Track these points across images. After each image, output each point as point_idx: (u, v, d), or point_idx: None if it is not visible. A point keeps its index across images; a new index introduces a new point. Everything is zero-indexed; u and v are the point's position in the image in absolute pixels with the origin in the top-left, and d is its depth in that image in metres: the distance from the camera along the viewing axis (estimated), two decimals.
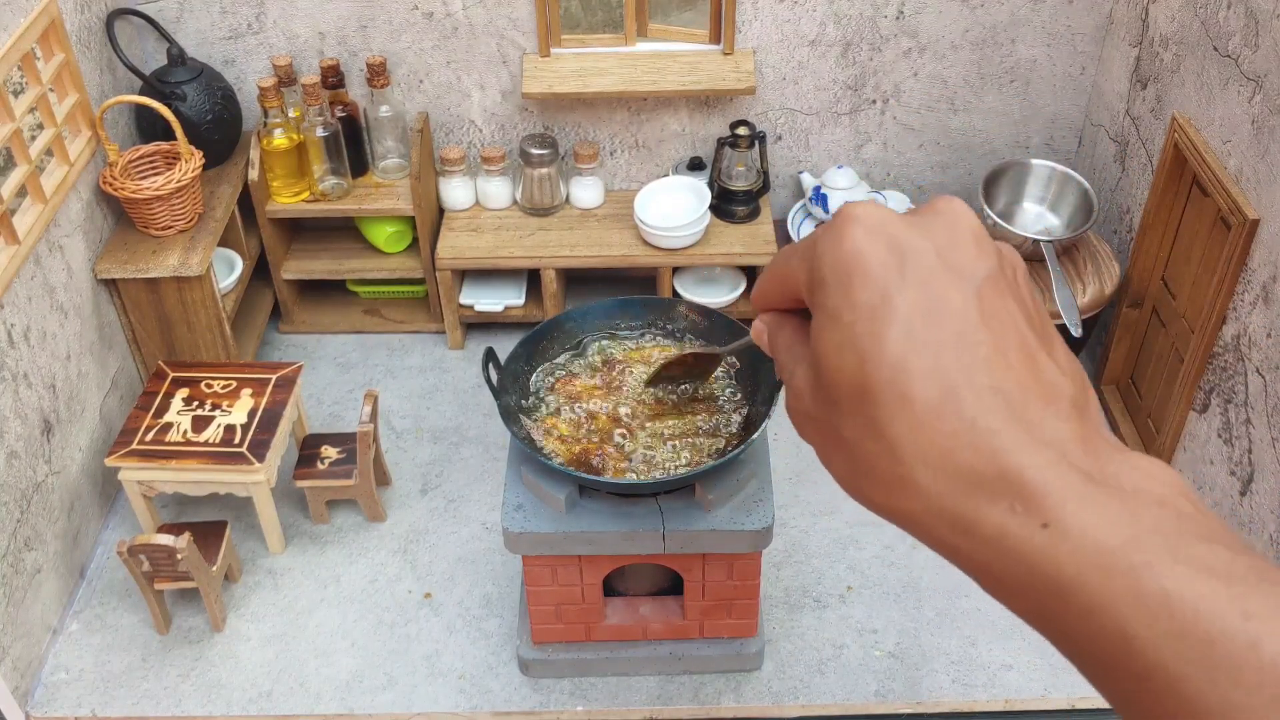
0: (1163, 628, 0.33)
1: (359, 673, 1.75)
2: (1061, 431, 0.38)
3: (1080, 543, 0.35)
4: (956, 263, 0.40)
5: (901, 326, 0.38)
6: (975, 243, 0.41)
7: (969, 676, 1.74)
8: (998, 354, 0.39)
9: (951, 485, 0.37)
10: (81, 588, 1.88)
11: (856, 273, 0.40)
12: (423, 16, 2.17)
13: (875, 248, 0.40)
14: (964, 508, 0.37)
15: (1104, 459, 0.38)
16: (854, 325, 0.39)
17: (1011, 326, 0.40)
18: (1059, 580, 0.35)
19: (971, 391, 0.38)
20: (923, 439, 0.38)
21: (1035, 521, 0.36)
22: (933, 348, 0.38)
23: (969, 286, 0.40)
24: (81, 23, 1.93)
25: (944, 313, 0.39)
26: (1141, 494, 0.37)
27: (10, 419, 1.68)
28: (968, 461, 0.37)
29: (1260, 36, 1.61)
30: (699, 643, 1.71)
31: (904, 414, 0.38)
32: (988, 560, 0.37)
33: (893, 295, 0.39)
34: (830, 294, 0.40)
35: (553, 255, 2.22)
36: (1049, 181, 2.14)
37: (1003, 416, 0.37)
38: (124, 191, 1.92)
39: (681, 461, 1.48)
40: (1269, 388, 1.60)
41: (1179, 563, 0.34)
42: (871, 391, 0.39)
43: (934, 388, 0.38)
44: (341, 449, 1.94)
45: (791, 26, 2.18)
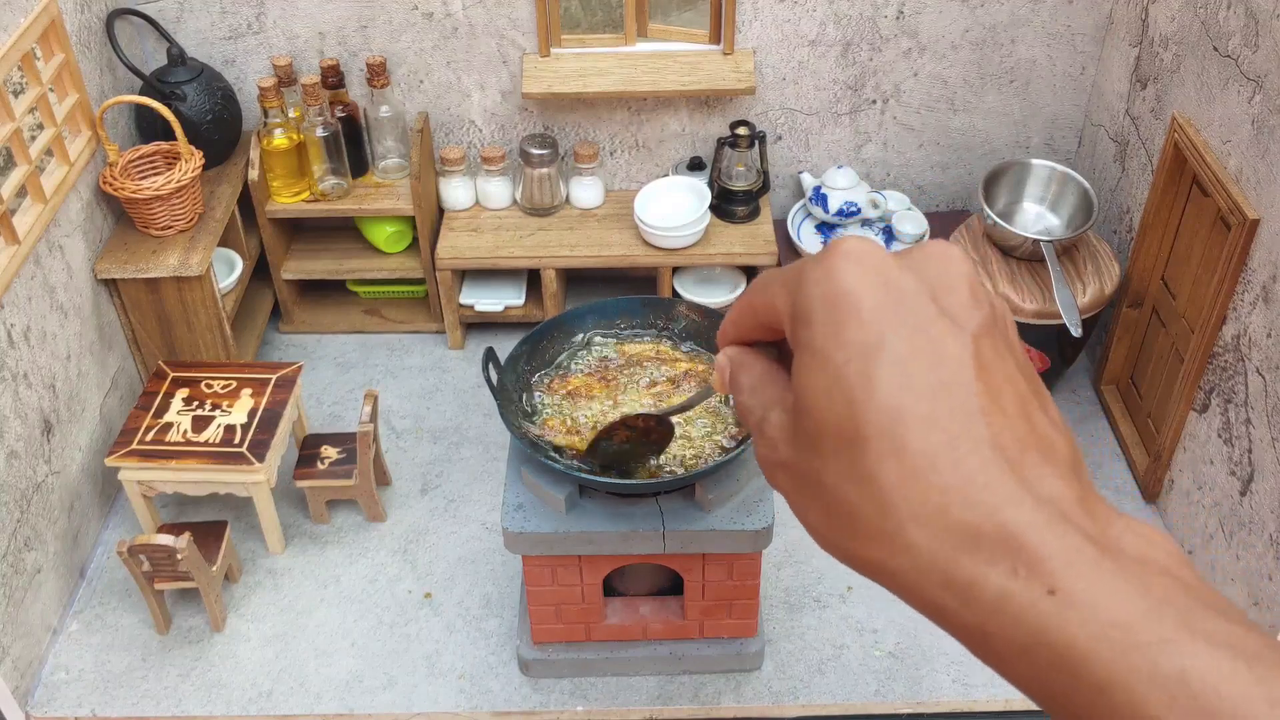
0: (1184, 710, 0.31)
1: (359, 673, 1.75)
2: (1059, 490, 0.36)
3: (1091, 614, 0.33)
4: (952, 309, 0.38)
5: (896, 369, 0.36)
6: (970, 290, 0.39)
7: (969, 676, 1.74)
8: (994, 406, 0.37)
9: (946, 543, 0.35)
10: (81, 588, 1.88)
11: (848, 310, 0.37)
12: (423, 16, 2.17)
13: (869, 286, 0.37)
14: (960, 568, 0.35)
15: (1104, 522, 0.36)
16: (845, 366, 0.37)
17: (1006, 379, 0.38)
18: (1067, 652, 0.33)
19: (969, 443, 0.35)
20: (915, 491, 0.35)
21: (1040, 587, 0.34)
22: (929, 394, 0.36)
23: (964, 334, 0.37)
24: (81, 23, 1.93)
25: (940, 358, 0.36)
26: (1147, 562, 0.35)
27: (10, 419, 1.68)
28: (964, 518, 0.35)
29: (1260, 36, 1.61)
30: (699, 643, 1.71)
31: (896, 463, 0.36)
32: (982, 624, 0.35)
33: (887, 336, 0.36)
34: (818, 331, 0.38)
35: (553, 255, 2.22)
36: (1049, 181, 2.14)
37: (1001, 471, 0.35)
38: (124, 191, 1.92)
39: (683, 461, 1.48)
40: (1269, 388, 1.60)
41: (1196, 639, 0.32)
42: (861, 437, 0.36)
43: (930, 437, 0.35)
44: (341, 449, 1.94)
45: (791, 26, 2.18)
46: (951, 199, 2.44)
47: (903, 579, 0.37)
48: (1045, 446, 0.37)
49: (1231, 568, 1.71)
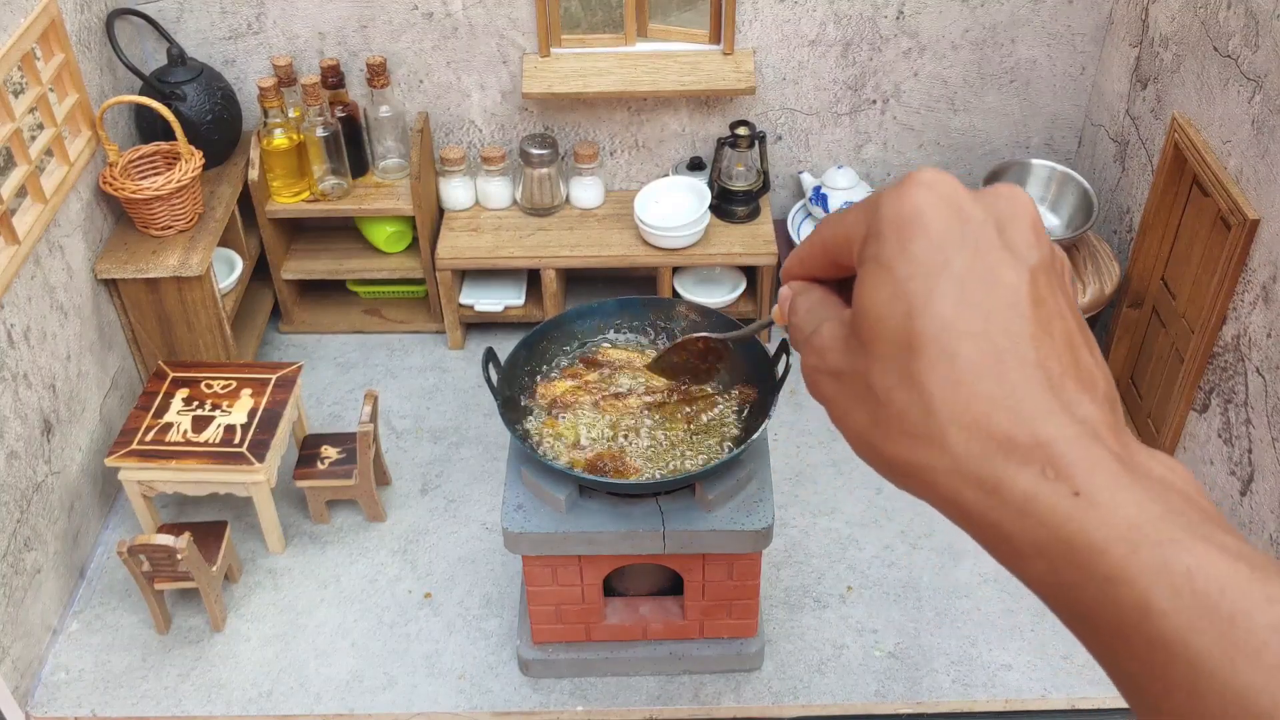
0: (1186, 602, 0.33)
1: (359, 673, 1.75)
2: (1094, 414, 0.38)
3: (1109, 514, 0.36)
4: (1014, 242, 0.40)
5: (956, 286, 0.39)
6: (1033, 228, 0.41)
7: (969, 676, 1.74)
8: (1042, 333, 0.39)
9: (984, 447, 0.38)
10: (81, 588, 1.88)
11: (917, 229, 0.40)
12: (423, 16, 2.17)
13: (939, 209, 0.40)
14: (993, 469, 0.37)
15: (1132, 448, 0.39)
16: (909, 279, 0.39)
17: (1057, 313, 0.40)
18: (1084, 547, 0.36)
19: (1015, 360, 0.38)
20: (961, 397, 0.38)
21: (1066, 488, 0.36)
22: (983, 312, 0.39)
23: (1023, 266, 0.40)
24: (81, 23, 1.93)
25: (997, 283, 0.39)
26: (1166, 482, 0.37)
27: (10, 419, 1.68)
28: (1004, 425, 0.37)
29: (1260, 36, 1.61)
30: (699, 643, 1.71)
31: (946, 370, 0.38)
32: (1007, 523, 0.37)
33: (950, 256, 0.39)
34: (887, 245, 0.40)
35: (553, 255, 2.22)
36: (1049, 181, 2.14)
37: (1042, 389, 0.38)
38: (124, 191, 1.92)
39: (683, 461, 1.48)
40: (1269, 388, 1.60)
41: (1203, 542, 0.34)
42: (916, 343, 0.39)
43: (980, 350, 0.38)
44: (341, 449, 1.94)
45: (791, 26, 2.18)
46: None
47: (936, 478, 0.39)
48: (1085, 377, 0.40)
49: None
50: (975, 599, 1.83)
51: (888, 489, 2.01)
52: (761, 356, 1.57)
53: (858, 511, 1.98)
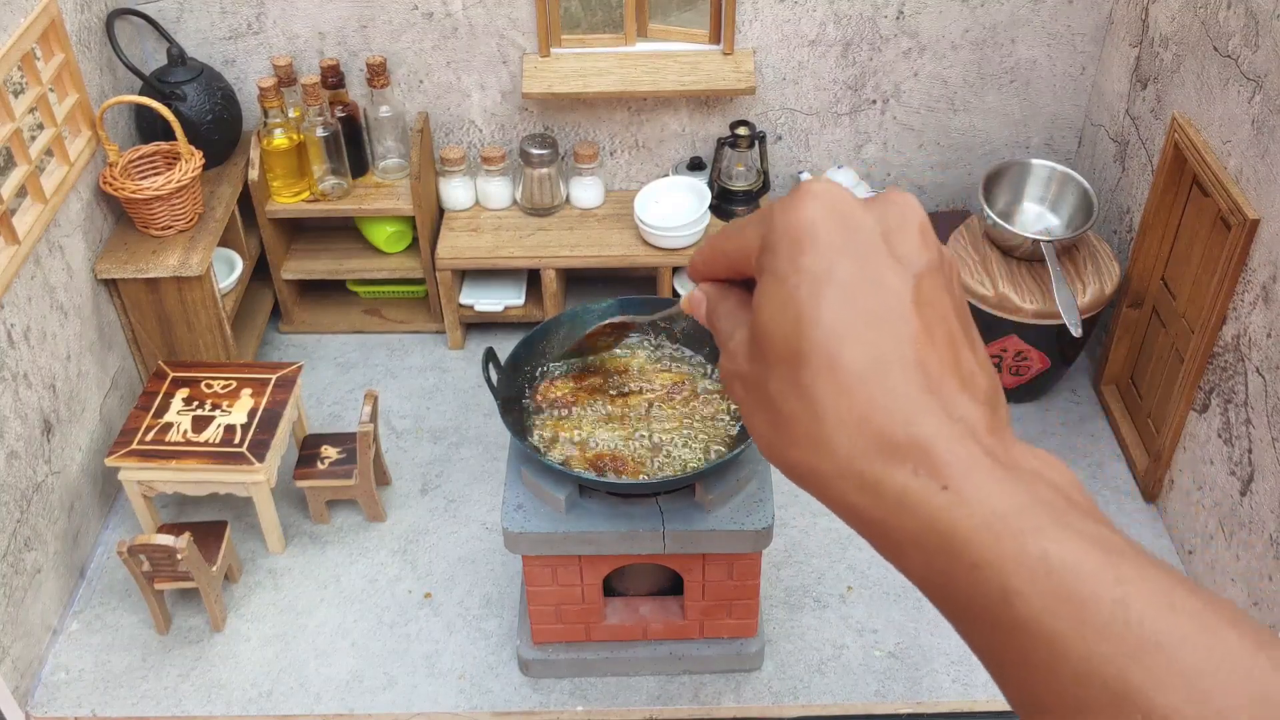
0: (1041, 586, 0.36)
1: (359, 673, 1.75)
2: (971, 413, 0.40)
3: (975, 507, 0.37)
4: (900, 249, 0.42)
5: (840, 295, 0.40)
6: (920, 234, 0.43)
7: (969, 676, 1.74)
8: (925, 336, 0.41)
9: (864, 448, 0.39)
10: (81, 588, 1.88)
11: (807, 240, 0.41)
12: (423, 16, 2.17)
13: (827, 220, 0.42)
14: (872, 469, 0.39)
15: (1008, 444, 0.41)
16: (797, 289, 0.41)
17: (940, 316, 0.42)
18: (951, 538, 0.38)
19: (897, 364, 0.40)
20: (844, 402, 0.40)
21: (936, 484, 0.38)
22: (866, 319, 0.40)
23: (908, 272, 0.42)
24: (81, 23, 1.93)
25: (881, 289, 0.41)
26: (1038, 476, 0.39)
27: (10, 419, 1.68)
28: (882, 426, 0.39)
29: (1260, 36, 1.61)
30: (699, 643, 1.71)
31: (831, 377, 0.40)
32: (886, 519, 0.39)
33: (836, 265, 0.41)
34: (779, 257, 0.42)
35: (553, 255, 2.22)
36: (1049, 181, 2.14)
37: (920, 390, 0.40)
38: (124, 191, 1.92)
39: (683, 460, 1.48)
40: (1269, 388, 1.60)
41: (1062, 529, 0.37)
42: (803, 352, 0.40)
43: (862, 356, 0.40)
44: (341, 449, 1.94)
45: (791, 26, 2.18)
46: (951, 199, 2.44)
47: (825, 480, 0.41)
48: (966, 377, 0.41)
49: (1231, 568, 1.71)
50: None
51: None
52: None
53: None
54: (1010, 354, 2.05)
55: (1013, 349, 2.04)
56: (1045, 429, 2.14)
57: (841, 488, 0.40)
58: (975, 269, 2.04)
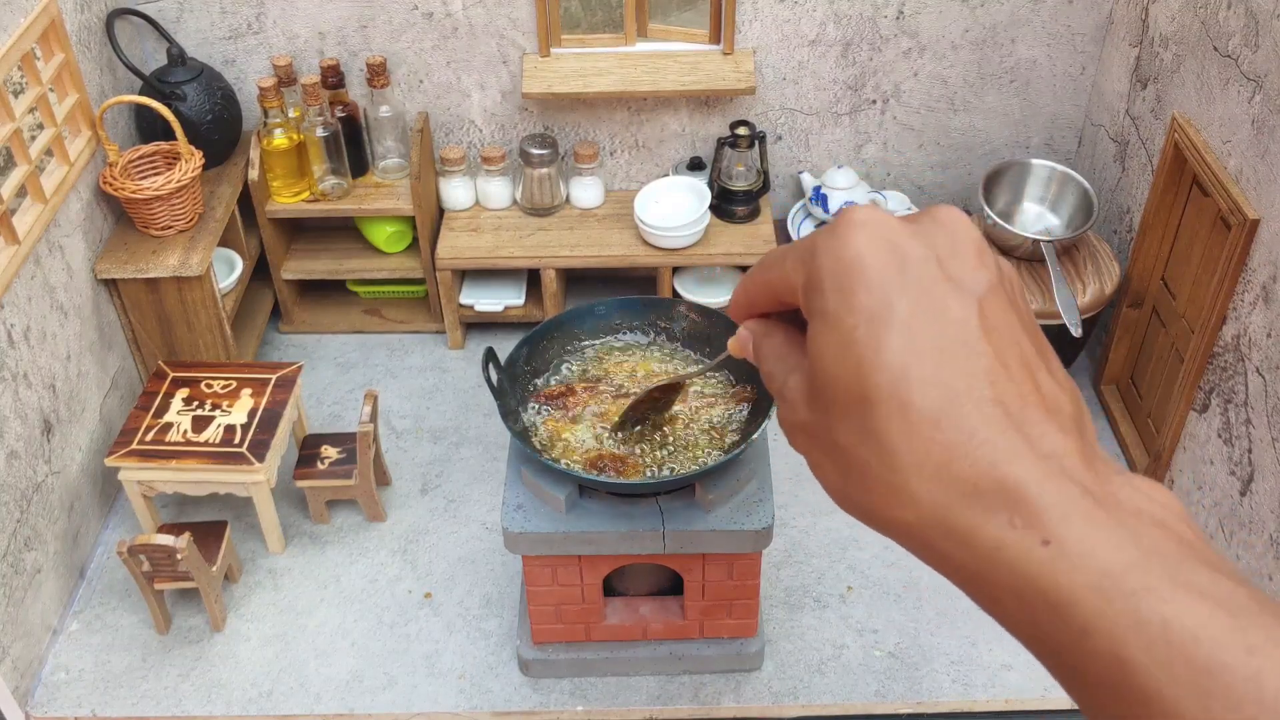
0: (1161, 655, 0.33)
1: (359, 673, 1.75)
2: (1061, 445, 0.37)
3: (1081, 562, 0.34)
4: (957, 273, 0.39)
5: (902, 333, 0.38)
6: (977, 254, 0.40)
7: (969, 676, 1.74)
8: (998, 366, 0.38)
9: (948, 496, 0.37)
10: (81, 588, 1.88)
11: (857, 277, 0.39)
12: (423, 16, 2.17)
13: (877, 253, 0.39)
14: (960, 519, 0.37)
15: (1104, 476, 0.37)
16: (854, 330, 0.38)
17: (1011, 340, 0.39)
18: (1056, 598, 0.35)
19: (972, 402, 0.37)
20: (920, 448, 0.37)
21: (1035, 537, 0.35)
22: (933, 356, 0.38)
23: (970, 297, 0.39)
24: (81, 23, 1.93)
25: (945, 321, 0.38)
26: (1142, 515, 0.36)
27: (10, 419, 1.68)
28: (966, 472, 0.36)
29: (1260, 36, 1.61)
30: (699, 643, 1.71)
31: (902, 421, 0.37)
32: (982, 572, 0.37)
33: (894, 301, 0.38)
34: (830, 298, 0.39)
35: (553, 255, 2.22)
36: (1049, 181, 2.14)
37: (1002, 428, 0.37)
38: (124, 191, 1.92)
39: (684, 461, 1.48)
40: (1269, 388, 1.60)
41: (1180, 589, 0.33)
42: (870, 397, 0.38)
43: (934, 396, 0.37)
44: (341, 449, 1.94)
45: (791, 26, 2.18)
46: (951, 199, 2.44)
47: (910, 531, 0.38)
48: (1049, 404, 0.38)
49: None
50: None
51: None
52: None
53: None
54: None
55: None
56: None
57: (928, 538, 0.38)
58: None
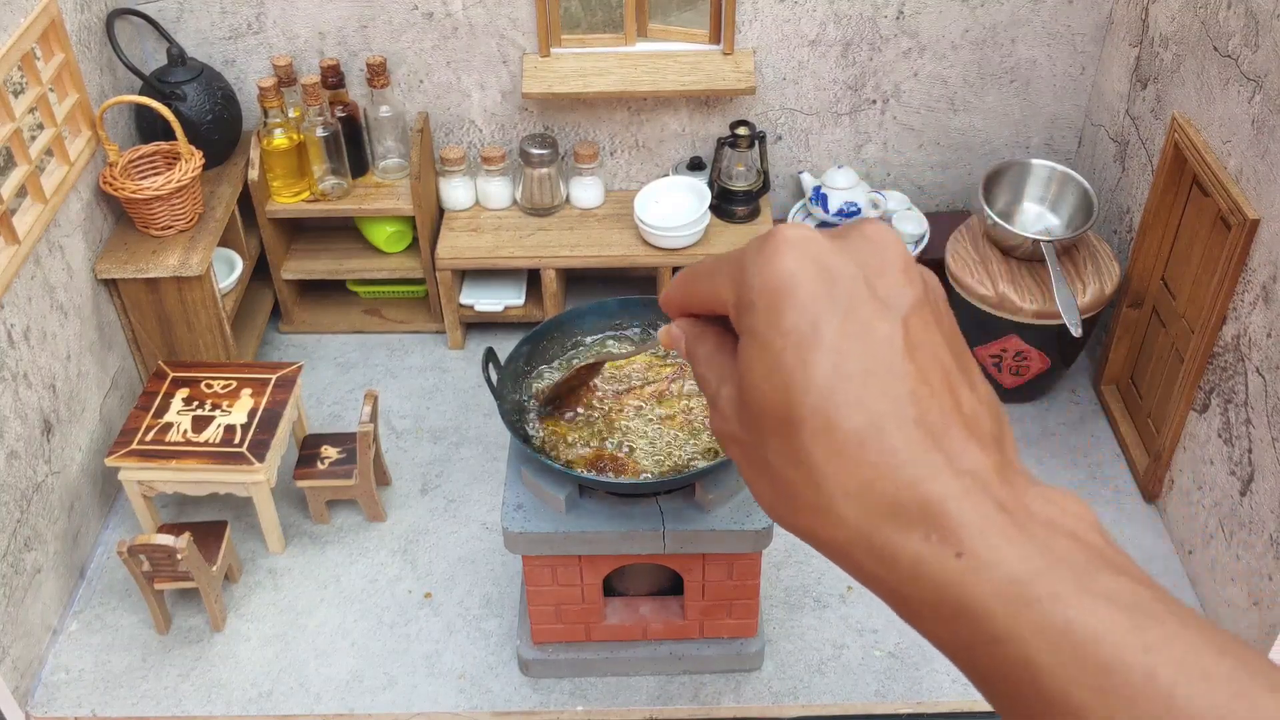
0: (1065, 657, 0.34)
1: (359, 673, 1.75)
2: (979, 462, 0.38)
3: (992, 573, 0.36)
4: (884, 291, 0.40)
5: (829, 355, 0.38)
6: (903, 270, 0.41)
7: None
8: (921, 385, 0.39)
9: (871, 515, 0.38)
10: (81, 588, 1.88)
11: (786, 298, 0.39)
12: (423, 16, 2.17)
13: (806, 272, 0.40)
14: (883, 537, 0.38)
15: (1019, 490, 0.38)
16: (782, 352, 0.39)
17: (935, 358, 0.40)
18: (970, 608, 0.36)
19: (895, 422, 0.38)
20: (845, 469, 0.38)
21: (950, 550, 0.36)
22: (859, 378, 0.38)
23: (895, 315, 0.40)
24: (81, 23, 1.93)
25: (871, 342, 0.39)
26: (1054, 525, 0.37)
27: (10, 419, 1.68)
28: (888, 491, 0.37)
29: (1260, 36, 1.61)
30: (699, 643, 1.71)
31: (828, 443, 0.38)
32: (903, 587, 0.38)
33: (821, 323, 0.39)
34: (759, 317, 0.40)
35: (553, 255, 2.22)
36: (1049, 181, 2.14)
37: (924, 447, 0.38)
38: (124, 191, 1.92)
39: (683, 459, 1.48)
40: (1269, 388, 1.60)
41: (1084, 594, 0.35)
42: (796, 419, 0.39)
43: (858, 418, 0.38)
44: (341, 449, 1.94)
45: (791, 26, 2.18)
46: (951, 199, 2.44)
47: (835, 548, 0.39)
48: (969, 421, 0.39)
49: (1231, 568, 1.71)
50: None
51: None
52: None
53: None
54: (1010, 354, 2.05)
55: (1013, 349, 2.04)
56: (1045, 429, 2.14)
57: (853, 555, 0.39)
58: (975, 269, 2.04)
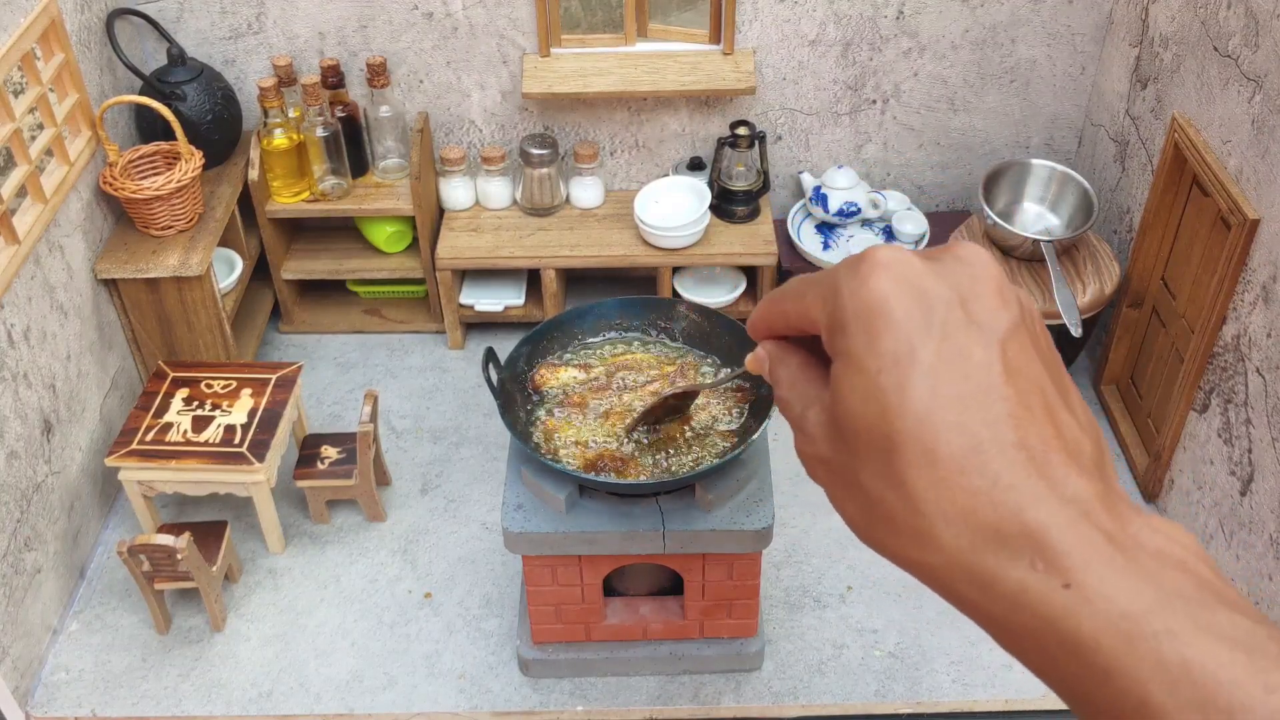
0: (1184, 696, 0.33)
1: (359, 673, 1.75)
2: (1083, 490, 0.37)
3: (1103, 606, 0.35)
4: (980, 314, 0.40)
5: (926, 378, 0.38)
6: (998, 293, 0.40)
7: (969, 676, 1.74)
8: (1022, 409, 0.38)
9: (972, 541, 0.37)
10: (81, 588, 1.88)
11: (881, 320, 0.39)
12: (423, 16, 2.17)
13: (901, 295, 0.39)
14: (984, 564, 0.37)
15: (1125, 519, 0.38)
16: (878, 375, 0.39)
17: (1034, 382, 0.39)
18: (1078, 641, 0.35)
19: (996, 447, 0.37)
20: (945, 494, 0.37)
21: (1057, 581, 0.36)
22: (957, 401, 0.38)
23: (992, 339, 0.39)
24: (81, 23, 1.93)
25: (968, 366, 0.38)
26: (1163, 556, 0.36)
27: (10, 419, 1.68)
28: (990, 518, 0.37)
29: (1260, 36, 1.61)
30: (699, 643, 1.71)
31: (927, 468, 0.38)
32: (1004, 615, 0.37)
33: (917, 346, 0.38)
34: (854, 340, 0.40)
35: (553, 255, 2.22)
36: (1049, 181, 2.14)
37: (1026, 473, 0.37)
38: (124, 191, 1.92)
39: (684, 461, 1.48)
40: (1269, 388, 1.60)
41: (1201, 631, 0.34)
42: (894, 442, 0.38)
43: (958, 442, 0.37)
44: (341, 449, 1.94)
45: (791, 26, 2.18)
46: (951, 199, 2.44)
47: (933, 573, 0.39)
48: (1070, 447, 0.38)
49: (1231, 568, 1.71)
50: None
51: None
52: None
53: None
54: None
55: None
56: None
57: (951, 581, 0.38)
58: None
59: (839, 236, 2.27)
